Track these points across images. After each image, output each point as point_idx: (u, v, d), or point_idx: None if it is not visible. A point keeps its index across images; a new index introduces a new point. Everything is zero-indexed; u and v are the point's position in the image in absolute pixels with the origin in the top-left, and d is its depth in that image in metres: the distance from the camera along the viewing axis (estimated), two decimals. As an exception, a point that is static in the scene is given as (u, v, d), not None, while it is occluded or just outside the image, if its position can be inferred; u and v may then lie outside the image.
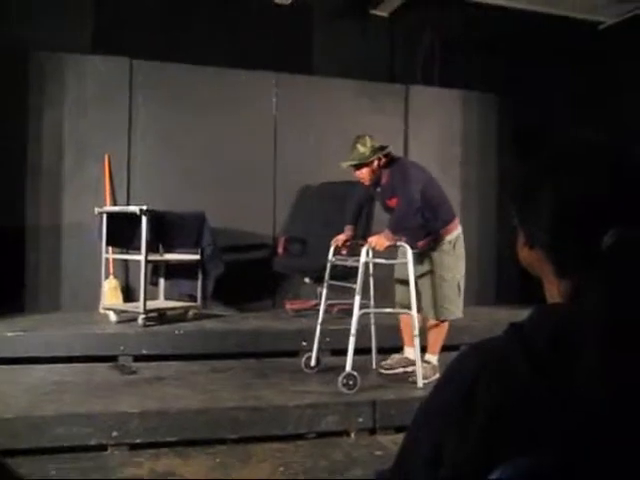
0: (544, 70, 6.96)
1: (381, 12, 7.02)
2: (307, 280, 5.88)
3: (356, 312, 4.12)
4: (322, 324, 4.60)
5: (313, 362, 4.62)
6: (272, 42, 6.72)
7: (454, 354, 0.98)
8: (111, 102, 6.13)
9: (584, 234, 0.90)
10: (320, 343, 4.64)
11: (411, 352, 4.60)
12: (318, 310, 4.65)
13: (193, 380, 4.41)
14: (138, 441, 3.57)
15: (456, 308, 4.51)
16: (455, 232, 4.50)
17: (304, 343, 4.61)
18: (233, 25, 6.63)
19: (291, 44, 6.89)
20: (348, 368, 4.06)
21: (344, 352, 4.51)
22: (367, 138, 4.43)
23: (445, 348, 4.54)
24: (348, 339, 4.10)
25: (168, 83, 6.32)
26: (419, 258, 4.40)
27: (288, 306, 6.19)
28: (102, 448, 3.53)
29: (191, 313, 5.76)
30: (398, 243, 4.30)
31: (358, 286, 4.16)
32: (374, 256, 4.31)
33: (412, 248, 4.31)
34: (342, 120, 6.50)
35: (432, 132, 7.12)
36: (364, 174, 4.45)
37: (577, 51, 6.99)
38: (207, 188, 6.24)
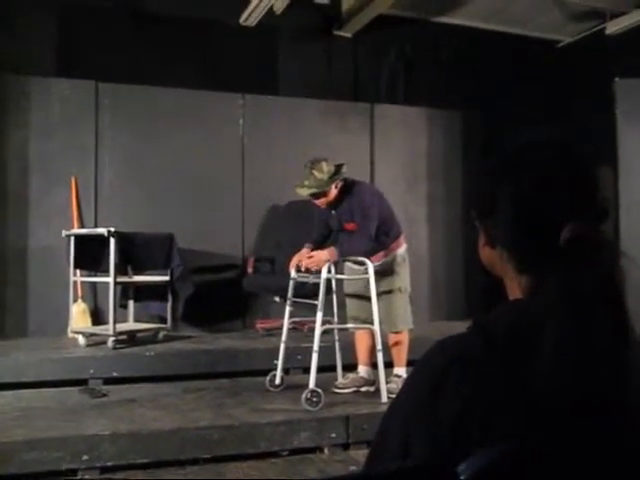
0: (506, 87, 7.10)
1: (345, 33, 7.11)
2: (277, 299, 5.88)
3: (318, 328, 4.14)
4: (289, 342, 4.60)
5: (277, 380, 4.61)
6: (238, 63, 6.76)
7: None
8: (77, 125, 6.11)
9: (542, 231, 0.94)
10: (287, 361, 4.64)
11: (365, 371, 4.63)
12: (290, 329, 4.65)
13: (164, 401, 4.37)
14: (109, 464, 3.53)
15: (410, 318, 4.57)
16: (404, 246, 4.60)
17: (275, 362, 4.60)
18: (199, 47, 6.67)
19: (257, 65, 6.94)
20: (311, 385, 4.06)
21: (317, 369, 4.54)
22: (323, 163, 4.39)
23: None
24: (320, 356, 4.11)
25: (134, 105, 6.32)
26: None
27: (259, 325, 6.19)
28: (73, 473, 3.48)
29: (161, 334, 5.72)
30: (360, 259, 4.33)
31: (320, 303, 4.17)
32: (336, 272, 4.38)
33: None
34: (309, 140, 6.56)
35: (398, 149, 7.21)
36: (323, 202, 4.47)
37: (538, 68, 7.17)
38: (175, 209, 6.24)
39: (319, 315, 4.15)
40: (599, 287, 0.83)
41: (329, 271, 4.24)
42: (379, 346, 4.28)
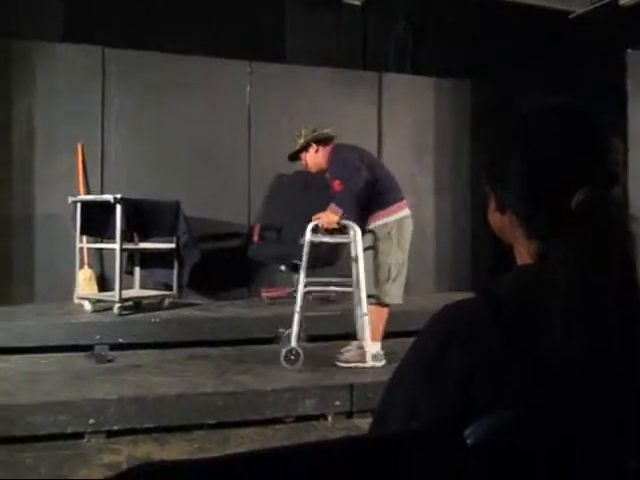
0: (517, 58, 7.01)
1: (354, 1, 7.03)
2: (282, 268, 5.88)
3: (300, 290, 4.25)
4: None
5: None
6: (246, 30, 6.70)
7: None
8: (83, 91, 6.07)
9: (554, 196, 0.93)
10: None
11: (370, 345, 4.40)
12: (294, 297, 4.63)
13: (170, 367, 4.40)
14: (115, 428, 3.56)
15: (383, 293, 4.41)
16: (392, 217, 4.41)
17: (280, 330, 4.61)
18: (206, 13, 6.59)
19: (265, 32, 6.88)
20: (293, 343, 4.18)
21: (322, 338, 4.55)
22: (302, 130, 4.58)
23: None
24: (325, 325, 4.14)
25: (141, 72, 6.27)
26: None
27: (264, 294, 6.20)
28: (79, 436, 3.52)
29: (167, 302, 5.75)
30: (345, 222, 4.32)
31: (303, 263, 4.26)
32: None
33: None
34: (316, 108, 6.50)
35: (405, 119, 7.15)
36: (304, 162, 4.61)
37: (549, 39, 7.08)
38: (181, 176, 6.22)
39: (302, 275, 4.25)
40: (610, 252, 0.83)
41: (312, 232, 4.29)
42: (364, 310, 4.25)
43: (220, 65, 6.46)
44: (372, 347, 4.39)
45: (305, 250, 4.26)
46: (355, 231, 4.29)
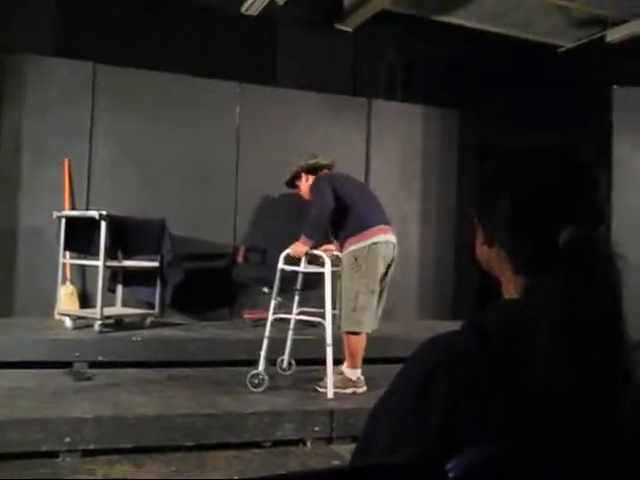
0: (504, 89, 7.11)
1: (346, 27, 7.09)
2: (265, 290, 5.87)
3: (270, 317, 4.33)
4: (275, 333, 4.54)
5: (285, 365, 4.77)
6: (238, 52, 6.74)
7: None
8: (73, 106, 6.07)
9: (541, 232, 0.94)
10: (278, 351, 4.71)
11: (350, 372, 4.41)
12: (277, 320, 4.62)
13: (149, 387, 4.36)
14: (91, 447, 3.52)
15: (355, 321, 4.32)
16: (361, 244, 4.29)
17: (261, 353, 4.59)
18: (199, 34, 6.64)
19: (256, 55, 6.92)
20: (260, 368, 4.26)
21: (305, 361, 4.52)
22: (295, 159, 4.65)
23: (399, 360, 4.54)
24: (309, 349, 4.14)
25: (131, 89, 6.28)
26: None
27: (246, 316, 6.17)
28: (54, 455, 3.46)
29: (148, 320, 5.70)
30: (315, 252, 4.39)
31: (274, 292, 4.37)
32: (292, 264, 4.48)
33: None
34: (305, 132, 6.54)
35: (393, 146, 7.20)
36: (302, 194, 4.68)
37: (537, 72, 7.18)
38: (168, 195, 6.22)
39: (272, 304, 4.36)
40: (595, 289, 0.83)
41: (283, 262, 4.37)
42: (329, 340, 4.21)
43: (211, 85, 6.48)
44: (352, 373, 4.39)
45: (277, 277, 4.33)
46: (324, 261, 4.30)
